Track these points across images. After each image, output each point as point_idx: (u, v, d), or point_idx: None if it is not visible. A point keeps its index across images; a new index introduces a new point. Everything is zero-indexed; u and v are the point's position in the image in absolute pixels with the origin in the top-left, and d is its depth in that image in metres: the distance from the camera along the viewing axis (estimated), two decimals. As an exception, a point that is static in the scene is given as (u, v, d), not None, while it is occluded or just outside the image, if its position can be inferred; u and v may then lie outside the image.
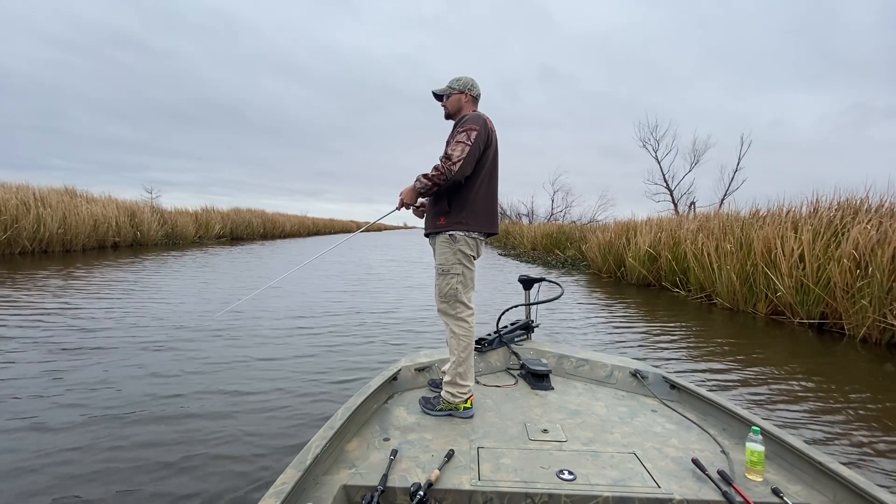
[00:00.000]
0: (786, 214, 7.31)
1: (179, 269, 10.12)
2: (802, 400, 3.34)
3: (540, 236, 19.23)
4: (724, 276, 7.29)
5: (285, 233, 31.89)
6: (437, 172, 2.03)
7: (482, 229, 2.16)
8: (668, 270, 9.25)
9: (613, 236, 11.43)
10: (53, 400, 2.90)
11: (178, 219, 18.69)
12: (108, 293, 6.68)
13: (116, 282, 7.80)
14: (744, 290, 7.01)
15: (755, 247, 6.93)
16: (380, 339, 4.67)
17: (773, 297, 6.50)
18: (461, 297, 2.13)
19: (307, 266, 10.50)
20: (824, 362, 4.44)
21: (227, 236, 23.83)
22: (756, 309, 6.85)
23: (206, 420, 2.68)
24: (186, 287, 7.62)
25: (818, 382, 3.73)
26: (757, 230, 7.18)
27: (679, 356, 4.42)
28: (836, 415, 3.07)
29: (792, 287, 6.17)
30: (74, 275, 8.39)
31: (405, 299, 7.16)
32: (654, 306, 7.40)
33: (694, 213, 14.60)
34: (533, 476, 1.59)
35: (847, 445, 2.63)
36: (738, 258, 7.13)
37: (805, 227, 6.45)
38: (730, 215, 9.05)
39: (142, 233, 15.95)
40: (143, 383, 3.23)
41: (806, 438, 2.65)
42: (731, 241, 7.45)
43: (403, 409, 2.14)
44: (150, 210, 17.19)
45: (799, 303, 6.10)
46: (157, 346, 4.15)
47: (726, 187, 19.08)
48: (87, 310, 5.50)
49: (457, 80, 2.24)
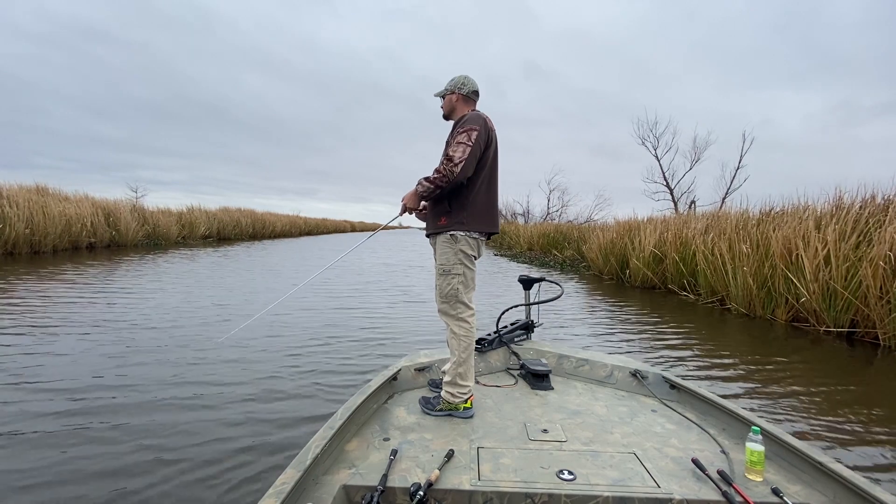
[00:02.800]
0: (807, 212, 6.74)
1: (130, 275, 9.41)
2: (845, 422, 2.87)
3: (536, 236, 18.67)
4: (739, 279, 6.72)
5: (276, 233, 31.12)
6: (440, 175, 2.02)
7: (483, 229, 2.14)
8: (675, 272, 8.69)
9: (615, 236, 10.86)
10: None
11: (160, 219, 17.92)
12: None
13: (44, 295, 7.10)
14: (761, 295, 6.44)
15: (774, 247, 6.37)
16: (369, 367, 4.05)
17: (794, 303, 5.94)
18: (462, 297, 2.12)
19: (279, 275, 9.83)
20: (858, 377, 3.89)
21: (213, 237, 23.06)
22: (775, 315, 6.29)
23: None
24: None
25: (856, 401, 3.21)
26: (775, 229, 6.61)
27: (698, 369, 3.83)
28: (882, 445, 2.57)
29: (817, 292, 5.60)
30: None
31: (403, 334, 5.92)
32: (663, 311, 6.82)
33: (695, 211, 14.07)
34: (533, 476, 1.58)
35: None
36: (755, 260, 6.56)
37: (829, 226, 5.89)
38: (743, 213, 8.49)
39: (119, 233, 15.18)
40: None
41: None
42: (747, 242, 6.88)
43: (403, 409, 2.13)
44: (129, 209, 16.41)
45: (825, 309, 5.54)
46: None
47: (728, 185, 18.60)
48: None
49: (450, 81, 2.25)
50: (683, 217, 10.58)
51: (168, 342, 4.23)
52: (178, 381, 3.24)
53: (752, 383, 3.64)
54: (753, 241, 6.81)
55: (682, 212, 16.18)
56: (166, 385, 3.17)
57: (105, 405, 2.81)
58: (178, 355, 3.84)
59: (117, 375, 3.32)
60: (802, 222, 6.42)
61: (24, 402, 2.82)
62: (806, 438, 2.65)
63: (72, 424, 2.55)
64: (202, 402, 2.92)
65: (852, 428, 2.81)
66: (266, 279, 8.85)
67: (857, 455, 2.47)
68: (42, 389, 3.02)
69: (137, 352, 3.91)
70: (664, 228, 9.57)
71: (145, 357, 3.77)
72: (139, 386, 3.13)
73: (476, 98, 2.27)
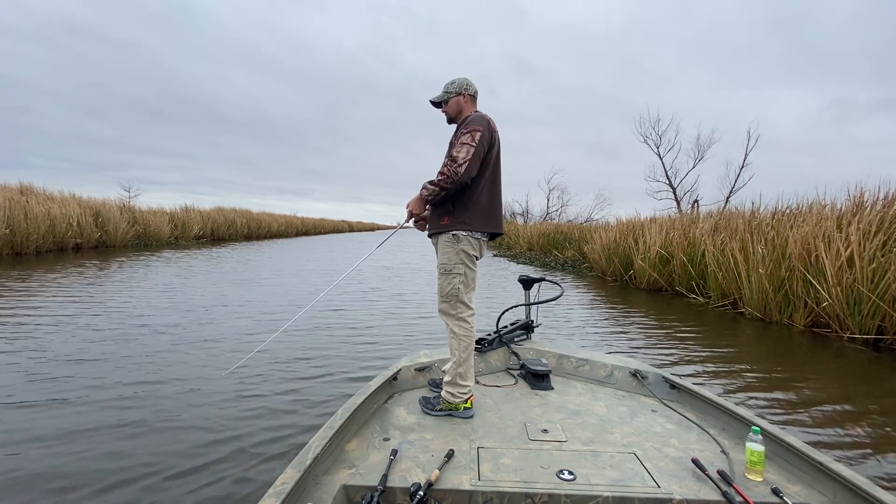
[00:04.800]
0: (826, 210, 6.34)
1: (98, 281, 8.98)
2: (879, 436, 2.57)
3: (536, 236, 18.28)
4: (753, 281, 6.32)
5: (272, 233, 30.69)
6: (444, 176, 2.03)
7: (486, 229, 2.14)
8: (683, 274, 8.30)
9: (619, 236, 10.46)
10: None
11: (151, 219, 17.48)
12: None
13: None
14: (778, 298, 6.05)
15: (791, 248, 5.97)
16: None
17: (814, 307, 5.54)
18: (462, 297, 2.12)
19: (269, 284, 9.41)
20: (888, 385, 3.53)
21: (207, 237, 22.64)
22: (793, 320, 5.89)
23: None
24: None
25: (888, 411, 2.85)
26: (793, 229, 6.21)
27: (718, 378, 3.43)
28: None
29: (841, 296, 5.20)
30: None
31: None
32: (671, 315, 6.43)
33: (698, 211, 13.69)
34: (533, 476, 1.58)
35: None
36: (771, 261, 6.16)
37: (852, 224, 5.50)
38: (753, 212, 8.10)
39: (107, 234, 14.74)
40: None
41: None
42: (761, 242, 6.48)
43: (403, 409, 2.12)
44: (118, 209, 15.97)
45: (850, 314, 5.15)
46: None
47: (732, 184, 18.20)
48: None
49: (451, 83, 2.24)
50: (691, 216, 10.19)
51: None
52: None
53: (774, 392, 3.31)
54: (769, 241, 6.42)
55: (686, 211, 15.79)
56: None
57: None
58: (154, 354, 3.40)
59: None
60: (822, 221, 6.03)
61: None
62: (833, 450, 2.46)
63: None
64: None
65: (882, 439, 2.50)
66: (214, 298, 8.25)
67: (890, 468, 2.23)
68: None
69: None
70: (670, 228, 9.19)
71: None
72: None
73: (476, 99, 2.28)
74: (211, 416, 2.66)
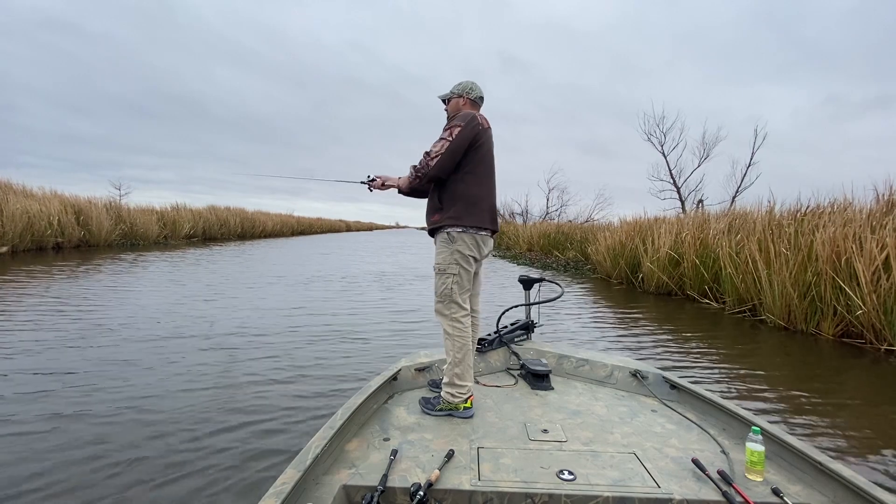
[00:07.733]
0: (854, 210, 5.86)
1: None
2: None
3: (537, 236, 17.80)
4: (776, 286, 5.84)
5: (266, 232, 30.09)
6: (419, 166, 2.12)
7: (476, 224, 2.12)
8: (694, 277, 7.82)
9: (625, 237, 9.98)
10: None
11: (139, 217, 16.90)
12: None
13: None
14: (803, 305, 5.56)
15: (819, 251, 5.49)
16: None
17: (846, 315, 5.07)
18: (456, 297, 2.11)
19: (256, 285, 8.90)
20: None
21: (198, 237, 22.05)
22: (820, 329, 5.41)
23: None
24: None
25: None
26: (821, 229, 5.73)
27: (752, 395, 2.94)
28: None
29: (878, 304, 4.73)
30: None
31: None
32: (684, 321, 5.95)
33: (702, 210, 13.23)
34: (533, 476, 1.57)
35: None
36: (796, 264, 5.67)
37: (888, 226, 5.03)
38: (769, 212, 7.63)
39: (91, 232, 14.17)
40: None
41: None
42: (784, 243, 5.99)
43: (403, 409, 2.12)
44: (104, 207, 15.40)
45: (887, 323, 4.67)
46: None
47: (738, 183, 17.73)
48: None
49: (458, 85, 2.30)
50: (702, 216, 9.70)
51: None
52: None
53: (806, 414, 2.78)
54: (792, 243, 5.93)
55: (690, 211, 15.33)
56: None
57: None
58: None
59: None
60: (850, 222, 5.55)
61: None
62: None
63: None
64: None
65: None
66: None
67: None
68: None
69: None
70: (680, 228, 8.71)
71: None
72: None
73: (481, 104, 2.32)
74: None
